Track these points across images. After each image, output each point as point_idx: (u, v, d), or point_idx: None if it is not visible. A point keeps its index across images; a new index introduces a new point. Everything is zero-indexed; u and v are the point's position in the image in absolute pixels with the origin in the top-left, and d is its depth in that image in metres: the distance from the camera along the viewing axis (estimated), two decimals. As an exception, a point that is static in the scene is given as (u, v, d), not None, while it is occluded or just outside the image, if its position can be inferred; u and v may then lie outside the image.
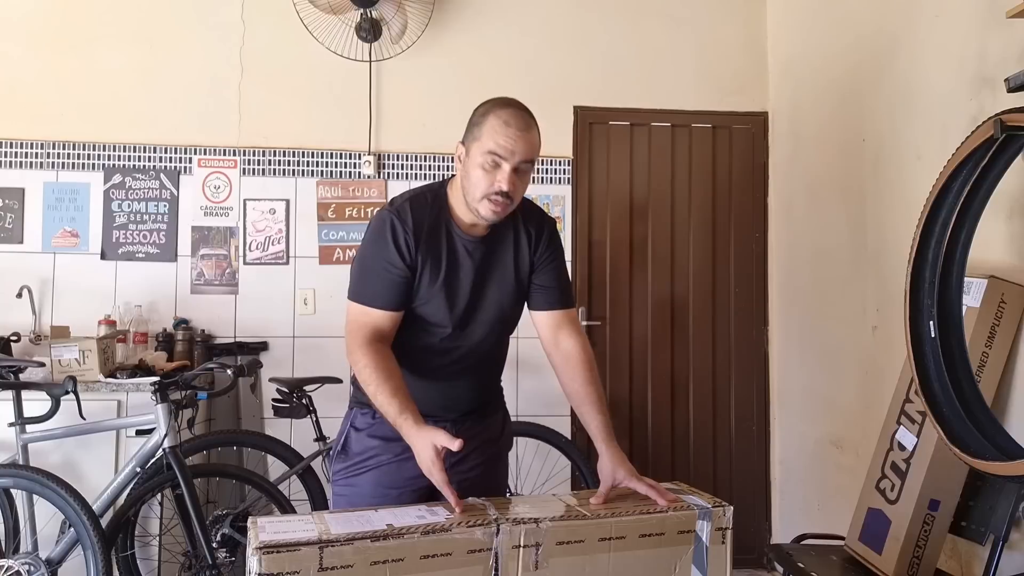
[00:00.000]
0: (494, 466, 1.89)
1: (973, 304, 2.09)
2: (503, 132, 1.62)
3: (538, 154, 1.70)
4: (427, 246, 1.70)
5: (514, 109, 1.66)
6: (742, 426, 3.76)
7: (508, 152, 1.61)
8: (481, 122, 1.66)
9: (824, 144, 3.29)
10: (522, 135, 1.63)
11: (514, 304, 1.80)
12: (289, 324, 3.53)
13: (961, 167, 1.98)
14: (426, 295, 1.71)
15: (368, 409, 1.79)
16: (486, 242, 1.75)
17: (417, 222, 1.69)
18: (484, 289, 1.76)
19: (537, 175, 3.67)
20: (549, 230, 1.83)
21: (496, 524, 1.36)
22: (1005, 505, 1.98)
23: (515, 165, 1.63)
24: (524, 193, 1.71)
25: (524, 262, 1.79)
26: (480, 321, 1.76)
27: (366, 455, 1.77)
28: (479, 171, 1.64)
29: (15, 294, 3.32)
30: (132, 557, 2.79)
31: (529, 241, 1.79)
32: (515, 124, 1.63)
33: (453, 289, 1.72)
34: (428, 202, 1.73)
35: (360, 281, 1.71)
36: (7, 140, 3.45)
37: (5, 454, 2.79)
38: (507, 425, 1.97)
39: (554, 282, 1.80)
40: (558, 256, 1.83)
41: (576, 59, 3.73)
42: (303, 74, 3.59)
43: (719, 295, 3.79)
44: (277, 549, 1.24)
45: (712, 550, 1.47)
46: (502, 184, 1.62)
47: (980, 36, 2.25)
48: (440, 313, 1.72)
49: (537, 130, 1.69)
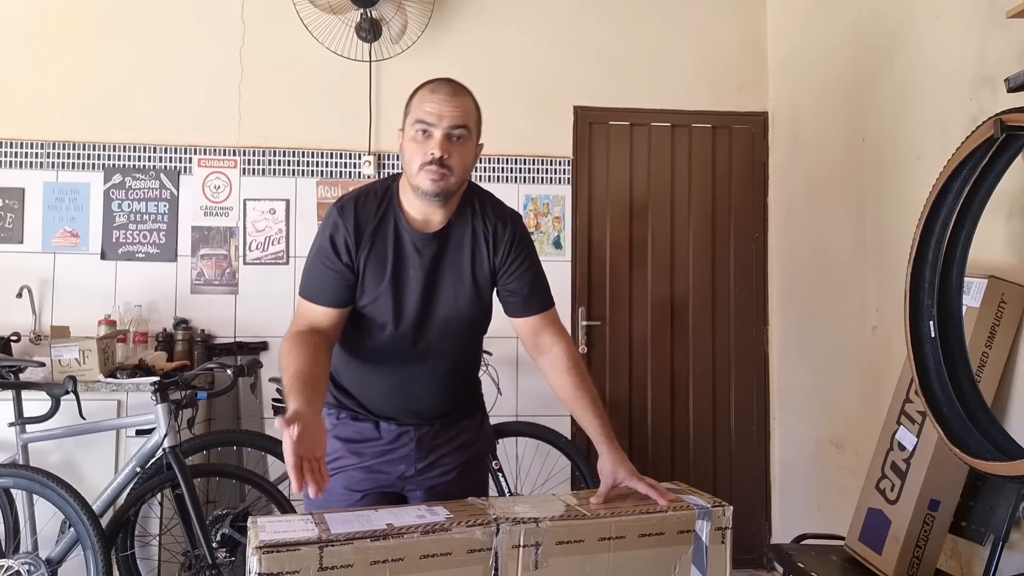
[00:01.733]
0: (470, 470, 1.82)
1: (973, 304, 2.09)
2: (428, 99, 1.61)
3: (474, 122, 1.65)
4: (371, 244, 1.66)
5: (441, 80, 1.65)
6: (742, 426, 3.76)
7: (436, 117, 1.59)
8: (410, 100, 1.66)
9: (824, 144, 3.30)
10: (448, 99, 1.60)
11: (473, 306, 1.72)
12: (289, 324, 3.52)
13: (961, 167, 1.98)
14: (372, 294, 1.67)
15: (333, 409, 1.77)
16: (439, 239, 1.68)
17: (359, 221, 1.66)
18: (436, 288, 1.69)
19: (537, 175, 3.67)
20: (513, 230, 1.73)
21: (496, 524, 1.36)
22: (1005, 505, 1.97)
23: (446, 131, 1.58)
24: (465, 164, 1.63)
25: (483, 263, 1.71)
26: (434, 321, 1.70)
27: (331, 457, 1.71)
28: (412, 144, 1.61)
29: (15, 294, 3.32)
30: (132, 557, 2.79)
31: (488, 241, 1.70)
32: (441, 91, 1.62)
33: (400, 288, 1.67)
34: (376, 199, 1.69)
35: (305, 276, 1.73)
36: (7, 140, 3.46)
37: (5, 454, 2.79)
38: (485, 428, 1.90)
39: (526, 287, 1.73)
40: (527, 257, 1.73)
41: (576, 59, 3.73)
42: (303, 74, 3.59)
43: (719, 295, 3.79)
44: (277, 549, 1.23)
45: (712, 550, 1.47)
46: (435, 150, 1.58)
47: (980, 36, 2.25)
48: (387, 313, 1.68)
49: (470, 98, 1.66)
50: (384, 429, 1.75)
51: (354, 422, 1.76)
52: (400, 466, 1.75)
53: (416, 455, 1.74)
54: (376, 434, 1.75)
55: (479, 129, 1.69)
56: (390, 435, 1.75)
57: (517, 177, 3.66)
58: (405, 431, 1.74)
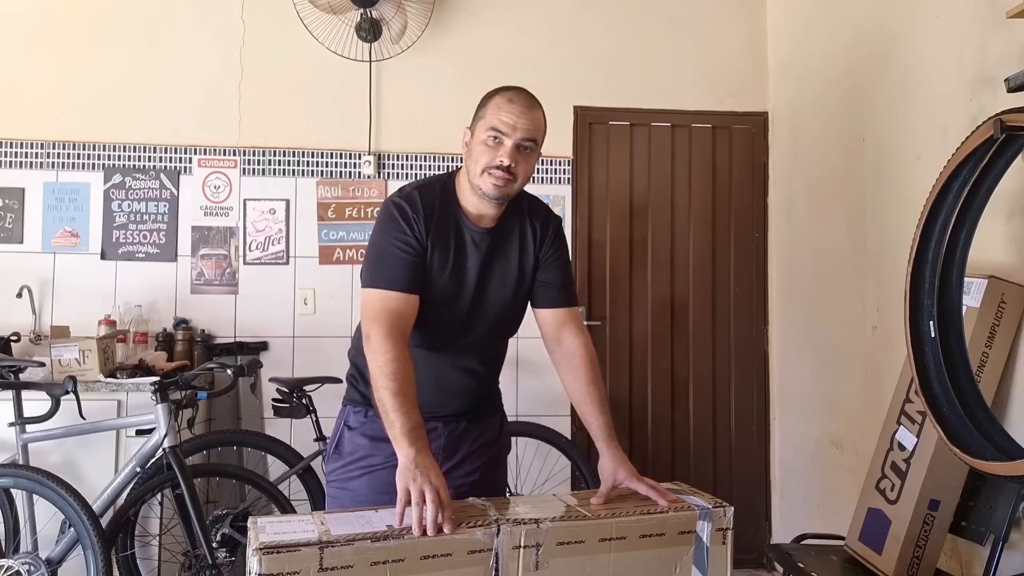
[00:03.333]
0: (493, 469, 1.86)
1: (973, 304, 2.09)
2: (506, 108, 1.66)
3: (542, 136, 1.71)
4: (436, 233, 1.69)
5: (519, 90, 1.71)
6: (742, 426, 3.76)
7: (510, 128, 1.64)
8: (486, 103, 1.70)
9: (824, 144, 3.30)
10: (525, 111, 1.66)
11: (515, 298, 1.78)
12: (289, 324, 3.53)
13: (961, 167, 1.98)
14: (435, 283, 1.70)
15: (361, 407, 1.78)
16: (492, 234, 1.74)
17: (427, 207, 1.69)
18: (488, 281, 1.75)
19: (537, 175, 3.67)
20: (555, 227, 1.84)
21: (496, 524, 1.36)
22: (1005, 505, 1.98)
23: (517, 141, 1.65)
24: (528, 174, 1.70)
25: (529, 257, 1.78)
26: (484, 313, 1.75)
27: (356, 455, 1.75)
28: (482, 147, 1.66)
29: (15, 294, 3.32)
30: (132, 557, 2.79)
31: (535, 236, 1.79)
32: (519, 102, 1.67)
33: (460, 279, 1.72)
34: (437, 191, 1.74)
35: (376, 266, 1.67)
36: (7, 140, 3.45)
37: (5, 454, 2.79)
38: (505, 428, 1.95)
39: (558, 279, 1.80)
40: (563, 254, 1.83)
41: (576, 59, 3.73)
42: (303, 74, 3.59)
43: (719, 295, 3.79)
44: (277, 549, 1.24)
45: (713, 550, 1.47)
46: (504, 158, 1.64)
47: (980, 36, 2.25)
48: (446, 303, 1.71)
49: (542, 113, 1.71)
50: None
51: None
52: None
53: (444, 453, 1.75)
54: None
55: (542, 143, 1.75)
56: None
57: (517, 177, 3.66)
58: (434, 428, 1.72)
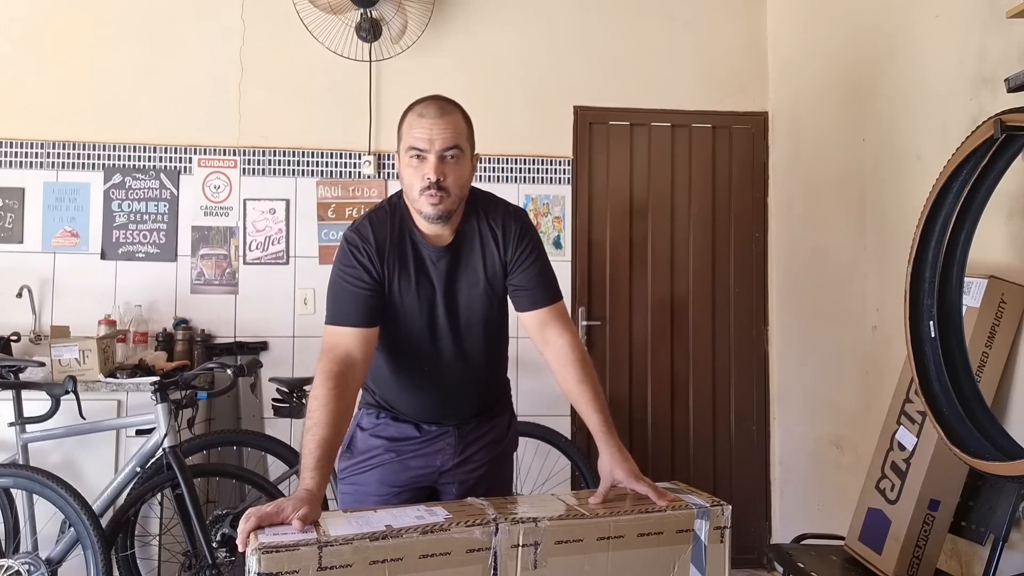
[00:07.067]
0: (499, 467, 1.88)
1: (973, 304, 2.08)
2: (418, 124, 1.62)
3: (466, 138, 1.67)
4: (392, 259, 1.68)
5: (428, 101, 1.66)
6: (742, 426, 3.76)
7: (427, 142, 1.61)
8: (401, 123, 1.68)
9: (824, 144, 3.29)
10: (437, 122, 1.62)
11: (489, 307, 1.76)
12: (289, 324, 3.53)
13: (961, 167, 1.98)
14: (400, 307, 1.70)
15: (373, 410, 1.83)
16: (450, 251, 1.72)
17: (379, 237, 1.68)
18: (456, 296, 1.73)
19: (537, 175, 3.67)
20: (518, 225, 1.76)
21: (495, 523, 1.36)
22: (1005, 505, 1.97)
23: (439, 154, 1.61)
24: (461, 182, 1.66)
25: (494, 262, 1.74)
26: (458, 328, 1.75)
27: (370, 454, 1.80)
28: (408, 169, 1.64)
29: (15, 294, 3.32)
30: (132, 557, 2.80)
31: (496, 240, 1.74)
32: (429, 114, 1.62)
33: (426, 300, 1.71)
34: (387, 216, 1.72)
35: (332, 304, 1.69)
36: (7, 140, 3.46)
37: (5, 454, 2.79)
38: (513, 425, 1.96)
39: (534, 281, 1.75)
40: (534, 251, 1.76)
41: (576, 59, 3.73)
42: (303, 74, 3.59)
43: (719, 295, 3.78)
44: (276, 549, 1.23)
45: (711, 549, 1.47)
46: (429, 175, 1.60)
47: (980, 36, 2.25)
48: (417, 324, 1.72)
49: (460, 114, 1.67)
50: (425, 429, 1.80)
51: (395, 422, 1.81)
52: (438, 459, 1.79)
53: (454, 448, 1.79)
54: (417, 433, 1.80)
55: (472, 143, 1.71)
56: (431, 433, 1.80)
57: (517, 177, 3.66)
58: (445, 430, 1.80)
